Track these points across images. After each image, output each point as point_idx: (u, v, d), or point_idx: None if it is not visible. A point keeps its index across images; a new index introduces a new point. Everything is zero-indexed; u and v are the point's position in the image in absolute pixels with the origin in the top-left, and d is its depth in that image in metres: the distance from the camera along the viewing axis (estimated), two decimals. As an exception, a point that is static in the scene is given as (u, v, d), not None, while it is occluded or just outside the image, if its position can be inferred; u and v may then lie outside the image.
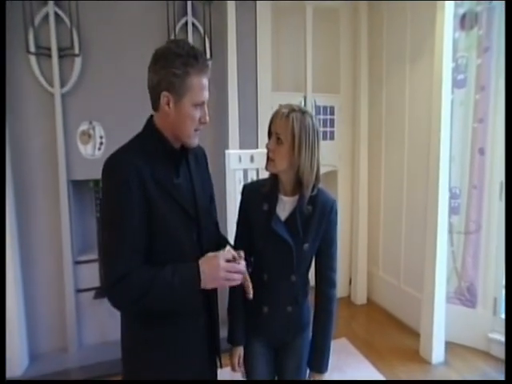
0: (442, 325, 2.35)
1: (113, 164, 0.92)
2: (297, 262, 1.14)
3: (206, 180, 1.14)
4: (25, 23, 2.22)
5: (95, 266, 2.57)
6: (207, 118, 0.99)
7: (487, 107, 2.38)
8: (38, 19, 2.26)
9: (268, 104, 2.97)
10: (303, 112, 1.08)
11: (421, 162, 2.63)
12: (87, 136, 2.43)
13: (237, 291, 1.21)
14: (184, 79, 0.91)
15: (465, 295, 2.52)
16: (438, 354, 2.35)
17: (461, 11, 2.42)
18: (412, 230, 2.81)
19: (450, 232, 2.49)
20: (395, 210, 2.98)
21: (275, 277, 1.18)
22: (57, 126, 2.33)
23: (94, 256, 2.57)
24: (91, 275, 2.55)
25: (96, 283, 2.56)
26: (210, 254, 0.95)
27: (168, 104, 0.93)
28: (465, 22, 2.44)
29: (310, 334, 1.26)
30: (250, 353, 1.25)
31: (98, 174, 2.72)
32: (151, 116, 1.01)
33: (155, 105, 0.96)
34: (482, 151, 2.42)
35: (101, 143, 2.46)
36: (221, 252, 0.96)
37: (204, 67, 0.94)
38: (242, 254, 0.98)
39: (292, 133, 1.05)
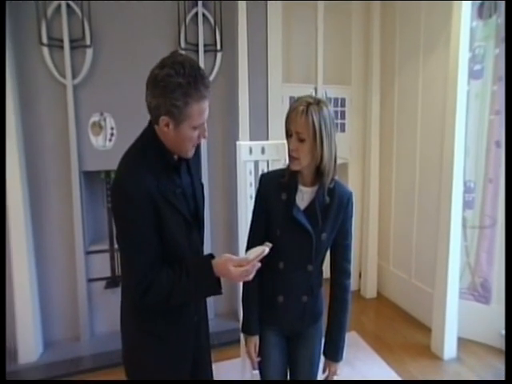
0: (454, 320, 2.31)
1: (122, 186, 0.94)
2: (315, 251, 1.15)
3: (199, 167, 1.18)
4: (37, 15, 2.24)
5: (106, 256, 2.60)
6: (206, 133, 1.00)
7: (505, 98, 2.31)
8: (50, 10, 2.26)
9: (278, 95, 2.95)
10: (318, 102, 1.07)
11: (434, 155, 2.58)
12: (98, 127, 2.44)
13: (251, 281, 1.23)
14: (183, 109, 0.90)
15: (478, 291, 2.47)
16: (450, 350, 2.32)
17: (479, -1, 2.35)
18: (424, 224, 2.77)
19: (464, 226, 2.44)
20: (407, 203, 2.94)
21: (292, 266, 1.18)
22: (69, 117, 2.35)
23: (105, 246, 2.60)
24: (102, 265, 2.59)
25: (107, 273, 2.60)
26: (222, 258, 0.99)
27: (167, 126, 0.94)
28: (483, 10, 2.36)
29: (323, 324, 1.27)
30: (264, 342, 1.25)
31: (108, 165, 2.75)
32: (151, 122, 1.00)
33: (155, 122, 0.96)
34: (498, 144, 2.35)
35: (112, 134, 2.47)
36: (227, 256, 0.99)
37: (204, 93, 0.92)
38: (267, 249, 0.99)
39: (313, 129, 1.04)
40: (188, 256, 1.03)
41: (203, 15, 2.59)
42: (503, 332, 2.35)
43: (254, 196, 1.99)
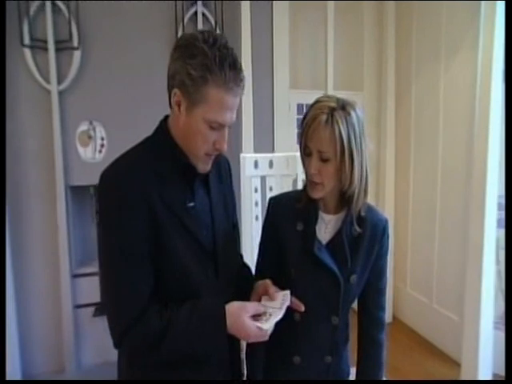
0: (488, 355, 2.04)
1: (112, 177, 0.72)
2: (342, 298, 0.89)
3: (229, 201, 0.92)
4: (19, 13, 2.03)
5: (95, 280, 2.34)
6: (224, 145, 0.77)
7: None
8: (33, 9, 2.06)
9: (285, 102, 2.73)
10: (344, 107, 0.83)
11: (459, 167, 2.35)
12: (87, 137, 2.22)
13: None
14: (199, 86, 0.71)
15: (512, 320, 2.20)
16: (483, 389, 2.05)
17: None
18: (447, 243, 2.51)
19: (496, 248, 2.19)
20: (426, 220, 2.69)
21: (312, 317, 0.91)
22: (54, 127, 2.13)
23: (94, 269, 2.35)
24: (91, 289, 2.34)
25: (96, 298, 2.35)
26: (234, 306, 0.76)
27: (178, 105, 0.74)
28: None
29: None
30: None
31: (98, 180, 2.49)
32: (166, 117, 0.80)
33: (169, 100, 0.76)
34: (533, 155, 2.11)
35: (102, 145, 2.25)
36: (247, 304, 0.78)
37: (230, 82, 0.72)
38: (288, 295, 0.82)
39: (341, 144, 0.81)
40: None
41: (203, 15, 2.38)
42: (543, 368, 2.07)
43: (260, 217, 1.75)
